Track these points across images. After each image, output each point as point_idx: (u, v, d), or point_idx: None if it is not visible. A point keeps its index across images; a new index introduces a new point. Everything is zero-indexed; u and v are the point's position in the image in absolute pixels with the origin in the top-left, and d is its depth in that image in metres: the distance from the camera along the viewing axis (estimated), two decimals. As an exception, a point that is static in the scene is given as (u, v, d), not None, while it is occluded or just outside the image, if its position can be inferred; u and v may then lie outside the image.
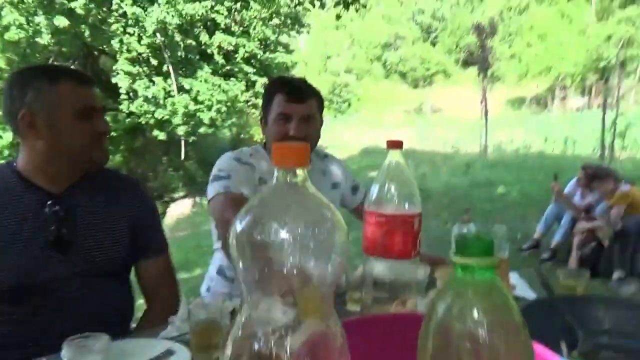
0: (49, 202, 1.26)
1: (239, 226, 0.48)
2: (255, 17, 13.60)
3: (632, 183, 4.91)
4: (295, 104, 1.66)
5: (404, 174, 1.08)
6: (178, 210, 10.78)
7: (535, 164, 9.65)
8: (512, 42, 29.12)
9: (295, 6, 8.67)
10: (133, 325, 1.47)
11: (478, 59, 15.00)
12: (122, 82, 11.47)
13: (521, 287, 1.42)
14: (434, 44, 34.73)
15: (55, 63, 11.53)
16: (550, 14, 28.97)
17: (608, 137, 9.80)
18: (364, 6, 5.44)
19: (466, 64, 33.53)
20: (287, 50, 15.36)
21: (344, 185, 1.95)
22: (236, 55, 13.22)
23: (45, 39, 10.77)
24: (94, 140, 1.28)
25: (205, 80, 12.01)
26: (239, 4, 4.98)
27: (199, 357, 0.95)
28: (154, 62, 11.76)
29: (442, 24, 36.41)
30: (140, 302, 1.52)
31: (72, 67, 11.44)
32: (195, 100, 11.77)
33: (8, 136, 9.52)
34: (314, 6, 5.63)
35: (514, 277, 1.50)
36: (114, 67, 11.78)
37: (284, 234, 0.46)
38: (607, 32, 24.14)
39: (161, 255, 1.47)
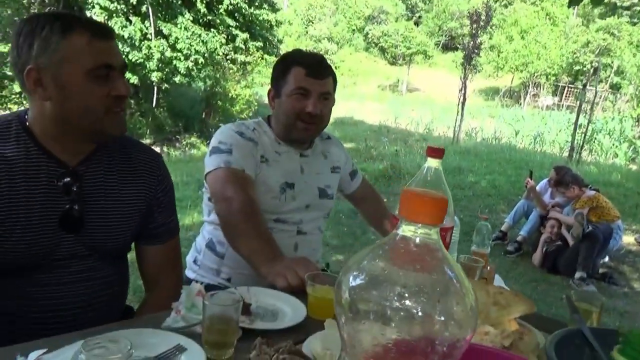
0: (62, 174, 1.11)
1: (353, 282, 0.41)
2: (243, -32, 13.02)
3: (596, 189, 5.10)
4: (315, 79, 1.59)
5: (442, 184, 1.03)
6: (143, 157, 10.46)
7: (505, 156, 9.83)
8: (493, 33, 29.24)
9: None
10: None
11: (460, 45, 14.99)
12: (96, 17, 10.80)
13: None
14: (417, 23, 34.50)
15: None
16: (535, 12, 29.20)
17: (577, 139, 10.09)
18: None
19: (446, 48, 33.57)
20: (273, 8, 14.88)
21: (343, 170, 1.90)
22: (220, 6, 12.70)
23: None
24: (108, 106, 1.10)
25: (186, 28, 11.48)
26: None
27: (212, 354, 0.89)
28: (133, 0, 11.13)
29: (428, 5, 36.14)
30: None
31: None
32: (172, 47, 11.27)
33: None
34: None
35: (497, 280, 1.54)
36: (89, 0, 11.09)
37: (408, 303, 0.39)
38: (586, 38, 24.61)
39: (171, 239, 1.34)
